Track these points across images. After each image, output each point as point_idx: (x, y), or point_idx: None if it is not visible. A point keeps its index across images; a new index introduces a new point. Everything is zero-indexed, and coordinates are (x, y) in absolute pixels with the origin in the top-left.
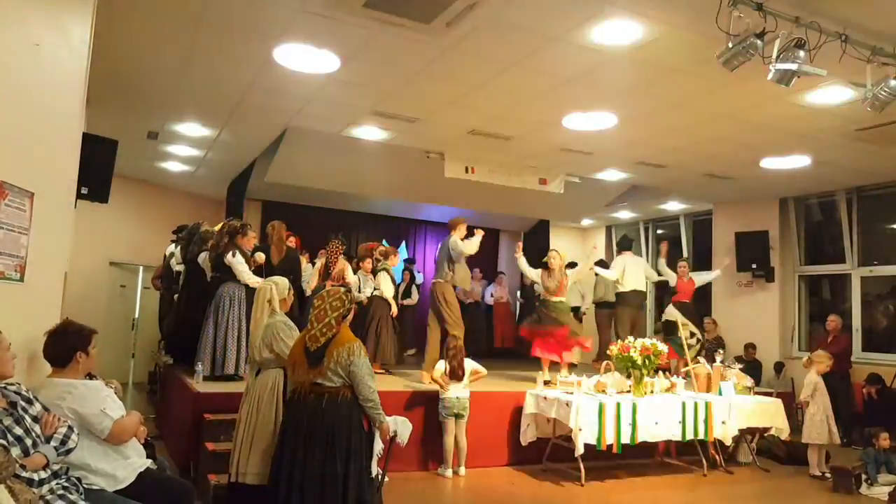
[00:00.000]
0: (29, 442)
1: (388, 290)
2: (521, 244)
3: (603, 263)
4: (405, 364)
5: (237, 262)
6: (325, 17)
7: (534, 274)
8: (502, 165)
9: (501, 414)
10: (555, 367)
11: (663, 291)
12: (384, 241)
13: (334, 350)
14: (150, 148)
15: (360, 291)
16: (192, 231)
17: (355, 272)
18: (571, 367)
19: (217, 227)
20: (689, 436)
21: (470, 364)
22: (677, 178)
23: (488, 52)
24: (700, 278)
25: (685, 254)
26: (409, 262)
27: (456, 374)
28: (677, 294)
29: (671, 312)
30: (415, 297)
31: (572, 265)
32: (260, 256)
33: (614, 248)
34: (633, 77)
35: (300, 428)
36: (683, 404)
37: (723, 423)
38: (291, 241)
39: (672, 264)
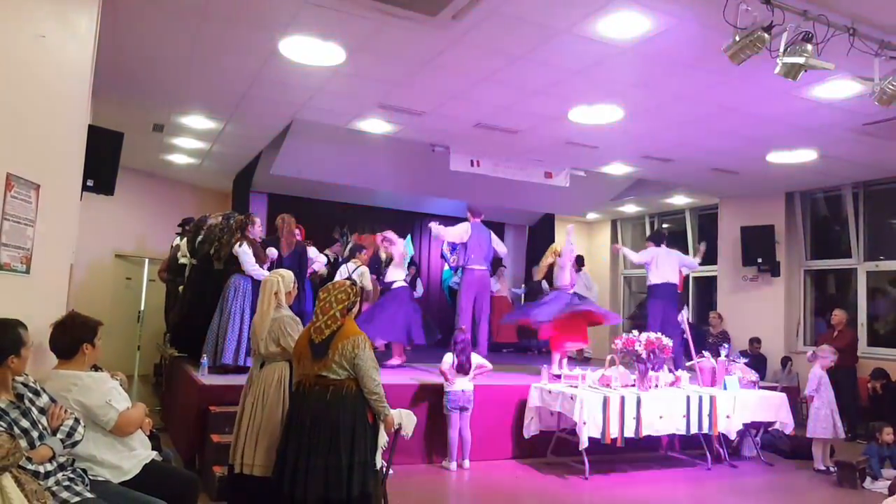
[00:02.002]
0: (35, 434)
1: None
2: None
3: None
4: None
5: (243, 251)
6: (331, 9)
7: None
8: (508, 159)
9: (506, 407)
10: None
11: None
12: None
13: (339, 343)
14: (155, 140)
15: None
16: (199, 224)
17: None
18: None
19: (217, 220)
20: (694, 430)
21: (476, 358)
22: (683, 172)
23: (494, 45)
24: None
25: (690, 248)
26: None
27: (463, 368)
28: None
29: None
30: (419, 290)
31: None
32: (272, 251)
33: (619, 241)
34: (640, 70)
35: (305, 420)
36: (688, 398)
37: (727, 417)
38: (297, 233)
39: None
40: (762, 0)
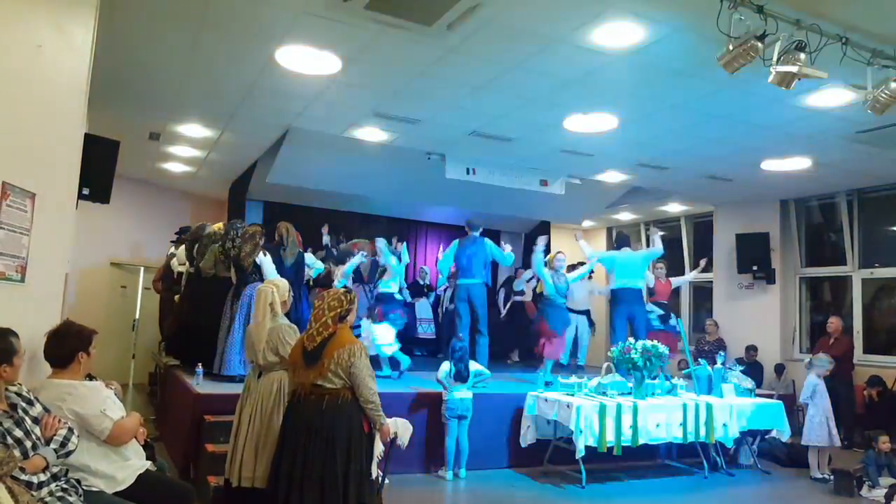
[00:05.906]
0: (29, 444)
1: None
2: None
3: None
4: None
5: (268, 261)
6: (328, 18)
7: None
8: (503, 167)
9: (502, 416)
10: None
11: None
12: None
13: (334, 351)
14: (151, 149)
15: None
16: (197, 232)
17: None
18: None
19: (218, 227)
20: (691, 438)
21: (474, 366)
22: (678, 179)
23: (490, 54)
24: (676, 280)
25: (686, 255)
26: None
27: (461, 376)
28: (655, 295)
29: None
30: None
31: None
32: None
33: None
34: (635, 79)
35: (300, 429)
36: (685, 406)
37: (724, 425)
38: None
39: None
40: (755, 9)
